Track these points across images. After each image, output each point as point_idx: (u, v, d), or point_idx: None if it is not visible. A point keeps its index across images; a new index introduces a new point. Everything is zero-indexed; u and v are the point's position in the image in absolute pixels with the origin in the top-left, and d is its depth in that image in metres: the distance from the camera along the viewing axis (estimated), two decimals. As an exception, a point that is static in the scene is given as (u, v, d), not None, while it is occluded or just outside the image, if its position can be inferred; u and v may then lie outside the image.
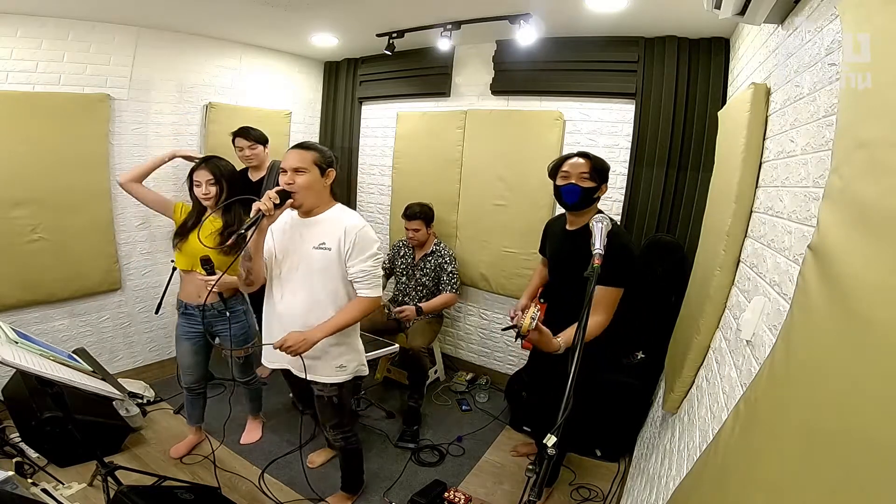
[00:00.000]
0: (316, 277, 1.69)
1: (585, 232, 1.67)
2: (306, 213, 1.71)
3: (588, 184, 1.70)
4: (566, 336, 1.53)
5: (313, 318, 1.70)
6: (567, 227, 1.86)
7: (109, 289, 2.82)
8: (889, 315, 0.49)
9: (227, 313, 2.08)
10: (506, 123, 2.97)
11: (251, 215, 1.53)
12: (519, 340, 1.44)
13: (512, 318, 1.97)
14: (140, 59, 2.72)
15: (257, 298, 3.01)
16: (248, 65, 3.29)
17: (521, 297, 2.21)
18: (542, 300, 2.03)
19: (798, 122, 1.05)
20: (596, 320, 1.61)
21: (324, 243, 1.67)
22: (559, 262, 1.94)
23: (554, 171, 1.80)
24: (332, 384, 1.81)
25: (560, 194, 1.76)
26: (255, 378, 2.47)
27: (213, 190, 1.99)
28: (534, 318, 1.32)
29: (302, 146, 1.68)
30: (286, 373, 1.90)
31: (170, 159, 2.27)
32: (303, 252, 1.69)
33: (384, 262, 3.17)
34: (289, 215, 1.75)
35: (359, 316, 1.73)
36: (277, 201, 1.54)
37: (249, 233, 1.54)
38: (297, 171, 1.61)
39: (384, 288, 3.20)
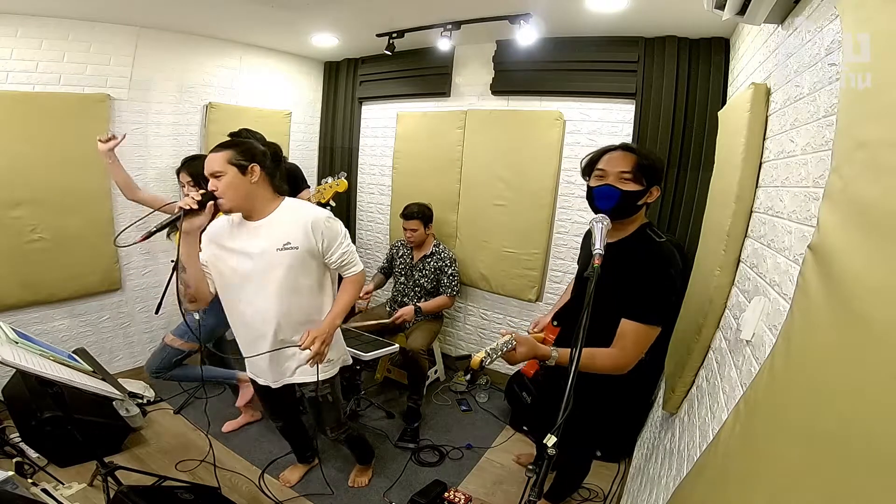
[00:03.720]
0: (291, 278, 1.60)
1: (629, 251, 1.36)
2: (249, 216, 1.59)
3: (630, 186, 1.34)
4: (563, 352, 1.28)
5: (313, 312, 1.67)
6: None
7: (109, 289, 2.82)
8: (889, 315, 0.49)
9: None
10: (506, 123, 2.97)
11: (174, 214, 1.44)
12: (467, 377, 1.21)
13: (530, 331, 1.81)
14: (140, 59, 2.72)
15: None
16: (248, 65, 3.29)
17: (548, 313, 1.95)
18: (555, 323, 1.74)
19: (798, 122, 1.05)
20: (612, 354, 1.31)
21: (288, 243, 1.56)
22: (584, 279, 1.57)
23: (588, 168, 1.44)
24: (323, 382, 1.77)
25: (592, 197, 1.39)
26: (162, 375, 2.35)
27: (195, 191, 2.03)
28: (491, 353, 1.14)
29: (219, 146, 1.55)
30: (263, 390, 1.85)
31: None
32: (265, 256, 1.57)
33: (382, 262, 3.18)
34: (229, 221, 1.64)
35: (356, 292, 1.73)
36: (198, 198, 1.44)
37: (162, 234, 1.45)
38: (214, 175, 1.49)
39: (383, 287, 3.21)
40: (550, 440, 0.84)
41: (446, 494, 2.10)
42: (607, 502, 2.18)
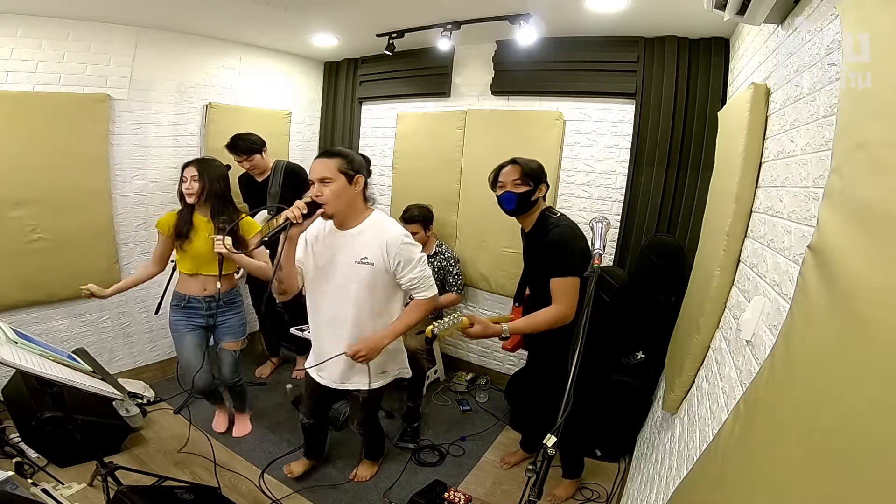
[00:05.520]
0: (366, 290, 1.69)
1: (537, 233, 1.85)
2: (341, 224, 1.69)
3: (522, 189, 1.78)
4: (514, 322, 1.70)
5: (378, 325, 1.75)
6: (523, 230, 1.93)
7: (109, 289, 2.82)
8: (889, 315, 0.49)
9: (229, 304, 2.16)
10: (506, 123, 2.97)
11: (280, 223, 1.53)
12: (434, 343, 1.59)
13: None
14: (140, 59, 2.72)
15: (255, 291, 3.00)
16: (248, 65, 3.29)
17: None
18: (516, 304, 2.15)
19: (798, 122, 1.05)
20: (552, 309, 1.70)
21: (366, 258, 1.66)
22: (524, 264, 2.06)
23: (493, 183, 1.88)
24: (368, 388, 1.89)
25: (500, 203, 1.85)
26: (242, 379, 2.47)
27: (196, 186, 2.04)
28: (437, 325, 1.50)
29: (326, 153, 1.63)
30: (317, 388, 1.93)
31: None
32: (347, 266, 1.68)
33: None
34: (324, 226, 1.72)
35: (421, 316, 1.77)
36: (305, 211, 1.52)
37: (281, 238, 1.52)
38: (322, 181, 1.57)
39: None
40: (550, 440, 0.85)
41: (446, 494, 2.10)
42: (607, 502, 2.18)
